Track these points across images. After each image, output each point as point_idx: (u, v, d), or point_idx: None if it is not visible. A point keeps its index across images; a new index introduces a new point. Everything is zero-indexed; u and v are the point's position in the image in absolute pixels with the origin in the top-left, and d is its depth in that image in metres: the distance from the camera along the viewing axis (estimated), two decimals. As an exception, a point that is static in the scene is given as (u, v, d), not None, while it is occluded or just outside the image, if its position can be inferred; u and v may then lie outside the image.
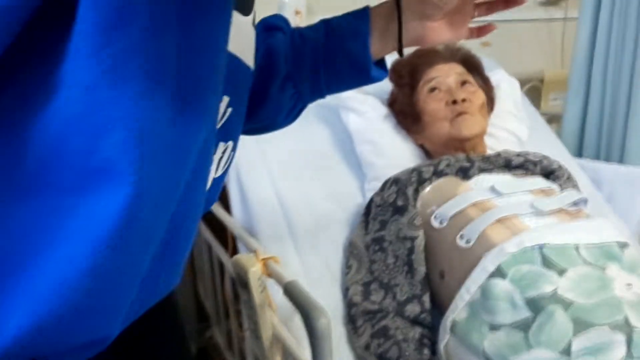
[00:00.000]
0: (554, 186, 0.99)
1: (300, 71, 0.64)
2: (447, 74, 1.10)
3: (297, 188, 1.11)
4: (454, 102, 1.05)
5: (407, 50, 0.65)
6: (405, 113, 1.15)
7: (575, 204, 0.94)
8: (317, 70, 0.64)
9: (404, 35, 0.62)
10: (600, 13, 1.45)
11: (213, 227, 1.17)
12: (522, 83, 1.86)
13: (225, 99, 0.46)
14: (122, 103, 0.29)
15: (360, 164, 1.17)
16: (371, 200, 1.03)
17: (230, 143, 0.51)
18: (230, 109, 0.47)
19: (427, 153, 1.15)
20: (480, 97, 1.09)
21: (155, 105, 0.31)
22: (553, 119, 1.79)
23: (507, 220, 0.88)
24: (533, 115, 1.43)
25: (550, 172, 1.03)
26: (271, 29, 0.66)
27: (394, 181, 1.00)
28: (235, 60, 0.46)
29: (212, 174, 0.49)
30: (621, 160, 1.39)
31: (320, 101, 0.71)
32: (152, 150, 0.31)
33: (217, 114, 0.40)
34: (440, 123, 1.07)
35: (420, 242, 0.92)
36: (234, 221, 1.02)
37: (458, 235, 0.89)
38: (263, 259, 0.80)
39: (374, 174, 1.12)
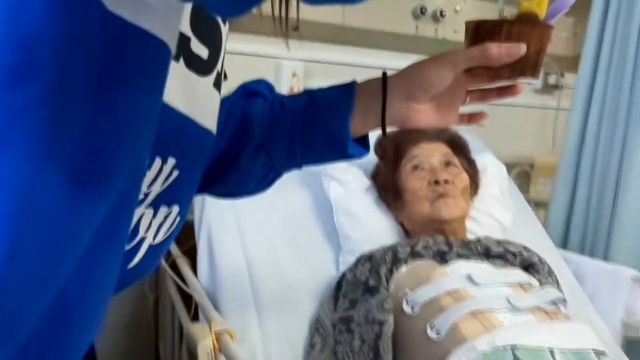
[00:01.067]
0: (532, 280, 0.95)
1: (275, 141, 0.62)
2: (432, 153, 1.09)
3: (269, 254, 1.07)
4: (436, 182, 1.03)
5: (392, 129, 0.63)
6: (387, 188, 1.13)
7: (553, 302, 0.89)
8: (293, 141, 0.61)
9: (387, 114, 0.59)
10: (591, 105, 1.47)
11: (179, 287, 1.12)
12: (512, 166, 1.87)
13: (171, 161, 0.43)
14: (3, 164, 0.26)
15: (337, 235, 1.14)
16: (343, 275, 0.98)
17: (175, 207, 0.47)
18: (176, 172, 0.44)
19: (407, 232, 1.12)
20: (463, 179, 1.07)
21: (42, 175, 0.28)
22: (541, 205, 1.78)
23: (481, 315, 0.83)
24: (519, 201, 1.41)
25: (529, 265, 1.00)
26: (251, 95, 0.65)
27: (368, 258, 0.96)
28: (186, 121, 0.43)
29: (149, 240, 0.45)
30: (605, 257, 1.36)
31: (304, 166, 0.69)
32: (29, 221, 0.27)
33: (138, 184, 0.37)
34: (421, 203, 1.04)
35: (388, 328, 0.87)
36: (197, 284, 0.97)
37: (428, 325, 0.84)
38: (217, 332, 0.75)
39: (349, 247, 1.08)
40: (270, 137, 0.62)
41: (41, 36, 0.27)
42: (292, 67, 1.52)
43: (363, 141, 0.63)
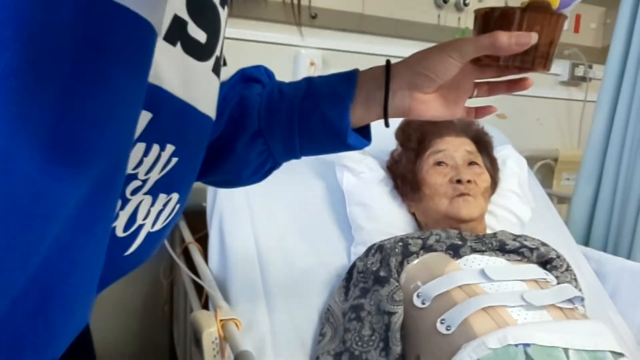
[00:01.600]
0: (549, 277, 0.92)
1: (273, 128, 0.60)
2: (456, 149, 1.06)
3: (280, 243, 1.06)
4: (459, 181, 1.00)
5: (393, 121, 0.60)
6: (405, 179, 1.10)
7: (570, 300, 0.86)
8: (292, 130, 0.59)
9: (390, 104, 0.56)
10: (620, 99, 1.41)
11: (194, 272, 1.13)
12: (536, 160, 1.82)
13: (170, 148, 0.41)
14: None
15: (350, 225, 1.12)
16: (353, 265, 0.97)
17: (175, 195, 0.46)
18: (175, 159, 0.43)
19: (419, 224, 1.10)
20: (485, 180, 1.05)
21: (10, 150, 0.26)
22: (564, 200, 1.73)
23: (493, 311, 0.81)
24: (540, 196, 1.37)
25: (547, 262, 0.97)
26: (249, 80, 0.63)
27: (378, 248, 0.95)
28: (184, 107, 0.42)
29: (148, 228, 0.44)
30: (629, 256, 1.31)
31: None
32: None
33: (122, 169, 0.36)
34: (439, 199, 1.02)
35: (397, 319, 0.85)
36: (207, 273, 0.97)
37: (439, 319, 0.82)
38: (222, 320, 0.74)
39: (361, 237, 1.07)
40: (268, 125, 0.60)
41: (9, 7, 0.26)
42: (310, 55, 1.51)
43: (364, 131, 0.61)
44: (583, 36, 1.87)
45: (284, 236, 1.07)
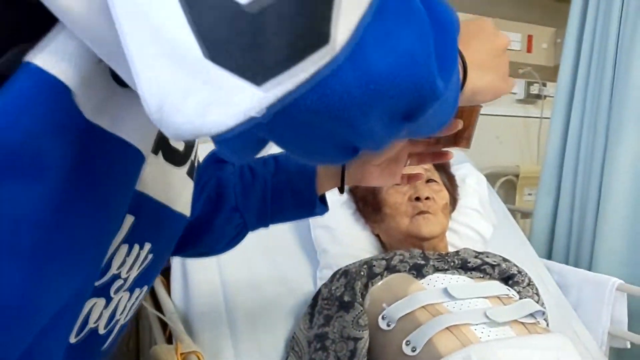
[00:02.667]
0: (511, 292, 0.93)
1: (248, 203, 0.67)
2: (413, 168, 1.07)
3: (245, 270, 1.05)
4: (417, 198, 1.01)
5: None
6: (366, 200, 1.11)
7: (532, 315, 0.87)
8: (265, 204, 0.68)
9: (346, 176, 0.67)
10: (572, 114, 1.46)
11: (157, 307, 1.10)
12: (497, 176, 1.86)
13: (147, 246, 0.46)
14: None
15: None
16: (319, 292, 0.96)
17: (145, 287, 0.51)
18: (150, 255, 0.47)
19: (384, 245, 1.10)
20: (444, 197, 1.06)
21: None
22: (527, 215, 1.76)
23: (457, 329, 0.81)
24: (502, 212, 1.39)
25: (508, 277, 0.98)
26: (220, 162, 0.70)
27: (344, 273, 0.94)
28: (163, 209, 0.46)
29: (121, 322, 0.48)
30: (590, 266, 1.34)
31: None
32: None
33: (96, 270, 0.40)
34: (400, 218, 1.02)
35: (364, 344, 0.85)
36: (169, 304, 0.95)
37: (404, 341, 0.82)
38: (183, 354, 0.72)
39: (326, 261, 1.06)
40: (244, 201, 0.67)
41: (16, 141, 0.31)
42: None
43: (322, 199, 0.71)
44: (536, 56, 1.94)
45: (249, 263, 1.06)
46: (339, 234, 1.09)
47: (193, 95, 0.25)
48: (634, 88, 1.26)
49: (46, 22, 0.30)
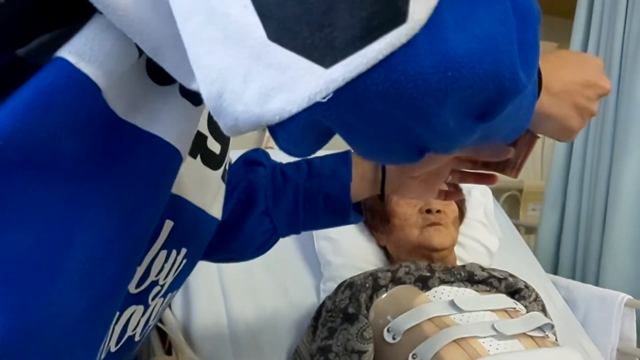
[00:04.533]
0: (518, 306, 0.91)
1: (279, 208, 0.64)
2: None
3: (247, 282, 1.03)
4: (428, 211, 1.00)
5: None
6: (375, 211, 1.09)
7: (540, 328, 0.86)
8: (297, 209, 0.65)
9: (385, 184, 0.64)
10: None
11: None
12: (502, 191, 1.84)
13: (183, 251, 0.45)
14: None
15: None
16: (323, 304, 0.94)
17: (175, 291, 0.50)
18: (185, 260, 0.46)
19: (390, 257, 1.08)
20: (454, 210, 1.05)
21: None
22: (532, 230, 1.75)
23: (465, 342, 0.79)
24: (507, 227, 1.38)
25: (515, 292, 0.96)
26: (252, 164, 0.67)
27: (349, 285, 0.92)
28: (199, 212, 0.45)
29: (152, 326, 0.48)
30: (597, 281, 1.32)
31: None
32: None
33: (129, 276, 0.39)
34: (410, 229, 1.01)
35: (368, 358, 0.83)
36: (169, 316, 0.93)
37: (410, 354, 0.80)
38: (183, 365, 0.70)
39: (330, 273, 1.05)
40: (275, 205, 0.64)
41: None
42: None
43: (357, 208, 0.68)
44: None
45: (251, 275, 1.04)
46: (343, 245, 1.07)
47: (254, 81, 0.23)
48: (639, 103, 1.26)
49: (80, 8, 0.29)
